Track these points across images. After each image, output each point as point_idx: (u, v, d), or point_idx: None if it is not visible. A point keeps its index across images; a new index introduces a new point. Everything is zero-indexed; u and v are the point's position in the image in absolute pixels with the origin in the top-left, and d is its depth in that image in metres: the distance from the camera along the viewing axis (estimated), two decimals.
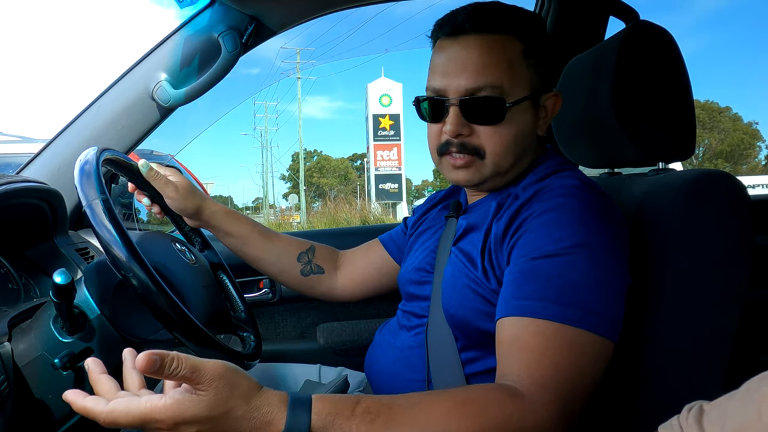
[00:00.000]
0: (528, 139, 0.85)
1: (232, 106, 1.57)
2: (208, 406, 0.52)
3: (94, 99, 1.22)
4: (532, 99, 0.83)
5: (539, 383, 0.62)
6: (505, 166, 0.83)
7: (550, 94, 0.86)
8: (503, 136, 0.81)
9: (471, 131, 0.81)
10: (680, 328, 0.78)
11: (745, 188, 0.79)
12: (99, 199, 0.72)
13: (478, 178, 0.84)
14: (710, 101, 41.12)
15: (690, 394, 0.79)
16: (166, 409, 0.52)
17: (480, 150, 0.82)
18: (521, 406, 0.60)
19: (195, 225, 1.07)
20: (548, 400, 0.61)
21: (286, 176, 58.97)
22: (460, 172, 0.84)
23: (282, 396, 0.56)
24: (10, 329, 0.79)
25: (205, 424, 0.53)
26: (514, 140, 0.82)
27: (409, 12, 22.11)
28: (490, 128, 0.81)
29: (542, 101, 0.85)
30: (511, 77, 0.80)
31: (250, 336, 0.97)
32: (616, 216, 0.75)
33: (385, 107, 27.85)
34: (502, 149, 0.82)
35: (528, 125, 0.84)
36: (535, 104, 0.84)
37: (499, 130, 0.81)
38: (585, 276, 0.67)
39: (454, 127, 0.81)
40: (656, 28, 0.90)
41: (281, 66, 28.17)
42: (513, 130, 0.81)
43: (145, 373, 0.51)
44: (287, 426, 0.54)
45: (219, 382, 0.53)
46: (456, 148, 0.82)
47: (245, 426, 0.54)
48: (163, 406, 0.52)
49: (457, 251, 0.84)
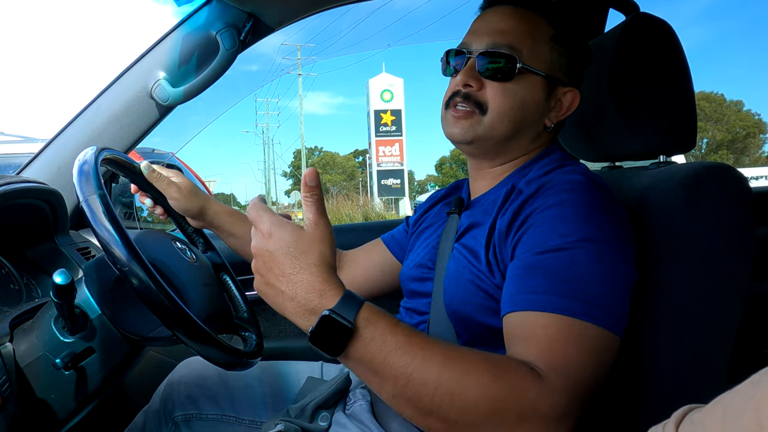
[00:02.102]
0: (532, 115, 0.86)
1: (232, 103, 1.57)
2: (299, 238, 0.61)
3: (93, 98, 1.22)
4: (547, 80, 0.85)
5: (553, 368, 0.61)
6: (500, 131, 0.85)
7: (567, 89, 0.87)
8: (508, 97, 0.84)
9: (480, 86, 0.84)
10: (682, 321, 0.77)
11: (746, 181, 0.79)
12: (96, 194, 0.72)
13: (471, 134, 0.85)
14: (714, 93, 40.94)
15: (692, 388, 0.79)
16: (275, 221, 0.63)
17: (483, 105, 0.84)
18: (539, 385, 0.60)
19: (198, 225, 1.07)
20: (560, 385, 0.60)
21: (288, 173, 59.04)
22: (458, 124, 0.86)
23: (342, 286, 0.61)
24: (11, 330, 0.80)
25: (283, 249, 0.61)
26: (518, 106, 0.84)
27: (410, 6, 22.01)
28: (498, 85, 0.84)
29: (559, 92, 0.87)
30: (532, 48, 0.84)
31: (252, 335, 0.97)
32: (620, 211, 0.75)
33: (386, 103, 27.77)
34: (503, 109, 0.84)
35: (535, 101, 0.85)
36: (550, 89, 0.86)
37: (506, 90, 0.83)
38: (590, 270, 0.67)
39: (464, 76, 0.84)
40: (656, 20, 0.90)
41: (282, 62, 28.12)
42: (519, 96, 0.84)
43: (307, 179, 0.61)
44: (338, 303, 0.58)
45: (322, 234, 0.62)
46: (461, 98, 0.85)
47: (305, 279, 0.59)
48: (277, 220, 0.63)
49: (460, 247, 0.84)
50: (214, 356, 0.74)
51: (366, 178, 39.10)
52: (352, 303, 0.59)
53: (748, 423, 0.29)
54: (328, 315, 0.57)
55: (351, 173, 56.72)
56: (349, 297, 0.59)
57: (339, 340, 0.58)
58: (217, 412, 1.04)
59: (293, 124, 76.62)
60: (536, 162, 0.87)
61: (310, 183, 0.61)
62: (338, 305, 0.58)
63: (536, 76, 0.84)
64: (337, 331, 0.58)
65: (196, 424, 1.04)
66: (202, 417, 1.04)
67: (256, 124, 42.24)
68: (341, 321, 0.57)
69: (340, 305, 0.58)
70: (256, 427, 1.02)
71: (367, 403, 0.92)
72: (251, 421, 1.03)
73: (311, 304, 0.59)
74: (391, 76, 28.22)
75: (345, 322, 0.57)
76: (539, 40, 0.84)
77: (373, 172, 28.28)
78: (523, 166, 0.88)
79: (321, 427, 0.88)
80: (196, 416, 1.04)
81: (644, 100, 0.88)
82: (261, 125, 41.50)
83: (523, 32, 0.84)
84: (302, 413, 0.89)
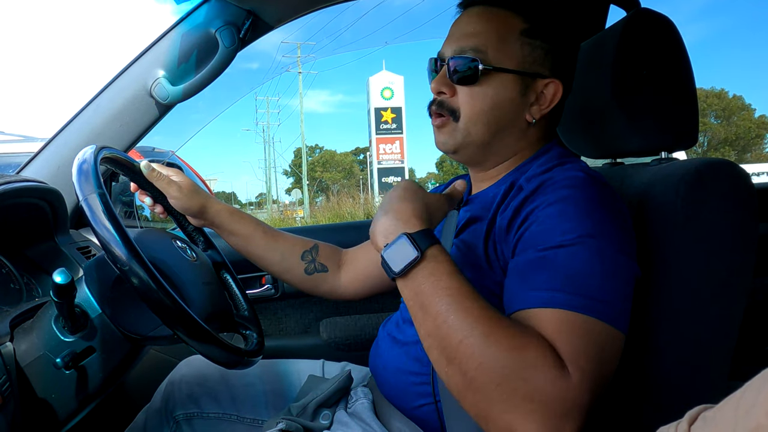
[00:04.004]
0: (508, 114, 0.85)
1: (232, 101, 1.56)
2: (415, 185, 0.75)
3: (93, 97, 1.21)
4: (520, 75, 0.83)
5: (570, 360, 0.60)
6: (477, 135, 0.85)
7: (547, 80, 0.84)
8: (477, 100, 0.84)
9: (453, 92, 0.85)
10: (684, 318, 0.77)
11: (749, 177, 0.78)
12: (95, 193, 0.71)
13: (452, 143, 0.87)
14: (715, 89, 40.82)
15: (695, 384, 0.79)
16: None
17: (456, 111, 0.85)
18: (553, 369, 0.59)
19: (199, 224, 1.07)
20: (580, 379, 0.59)
21: (288, 171, 59.02)
22: (439, 134, 0.88)
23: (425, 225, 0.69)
24: (12, 329, 0.80)
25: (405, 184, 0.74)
26: (490, 107, 0.84)
27: (408, 4, 21.97)
28: (467, 90, 0.84)
29: (539, 86, 0.84)
30: (498, 47, 0.83)
31: (252, 334, 0.97)
32: (621, 207, 0.75)
33: (386, 100, 27.73)
34: (474, 114, 0.84)
35: (510, 99, 0.84)
36: (525, 84, 0.84)
37: (474, 93, 0.84)
38: (592, 266, 0.66)
39: (437, 84, 0.86)
40: (657, 16, 0.89)
41: (282, 60, 28.12)
42: (489, 98, 0.84)
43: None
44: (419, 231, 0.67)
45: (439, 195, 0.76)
46: (435, 107, 0.87)
47: (404, 207, 0.70)
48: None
49: (460, 243, 0.84)
50: (215, 355, 0.74)
51: (366, 175, 39.09)
52: (428, 238, 0.66)
53: (758, 416, 0.29)
54: (404, 236, 0.65)
55: (349, 170, 56.69)
56: (427, 232, 0.67)
57: (405, 262, 0.65)
58: (218, 411, 1.04)
59: (294, 122, 76.55)
60: (536, 159, 0.86)
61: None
62: (417, 234, 0.66)
63: (506, 74, 0.83)
64: (406, 254, 0.65)
65: (197, 422, 1.04)
66: (203, 416, 1.04)
67: (257, 122, 42.14)
68: (413, 246, 0.65)
69: (418, 234, 0.66)
70: (258, 425, 1.02)
71: (368, 401, 0.92)
72: (253, 419, 1.03)
73: (396, 225, 0.68)
74: (391, 74, 28.18)
75: (415, 248, 0.64)
76: (507, 37, 0.83)
77: (373, 170, 28.26)
78: (523, 163, 0.88)
79: (322, 426, 0.88)
80: (197, 415, 1.04)
81: (646, 96, 0.88)
82: (261, 123, 41.42)
83: (489, 32, 0.83)
84: (304, 412, 0.89)
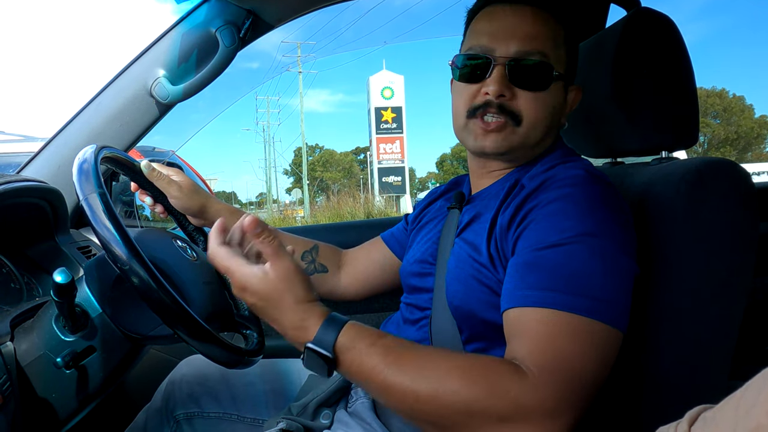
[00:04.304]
0: (557, 120, 0.86)
1: (233, 100, 1.56)
2: (269, 287, 0.66)
3: (93, 97, 1.21)
4: (565, 82, 0.85)
5: (541, 365, 0.61)
6: (534, 139, 0.84)
7: (574, 87, 0.88)
8: (542, 106, 0.82)
9: (512, 95, 0.81)
10: (684, 318, 0.77)
11: (749, 176, 0.78)
12: (96, 193, 0.71)
13: (506, 146, 0.83)
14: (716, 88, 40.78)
15: (695, 384, 0.79)
16: (243, 274, 0.66)
17: (517, 115, 0.82)
18: (521, 383, 0.60)
19: (199, 224, 1.07)
20: (549, 381, 0.60)
21: (288, 171, 59.00)
22: (490, 136, 0.82)
23: (324, 313, 0.67)
24: (12, 329, 0.80)
25: (261, 300, 0.67)
26: (551, 113, 0.84)
27: (408, 3, 21.96)
28: (532, 95, 0.81)
29: (571, 92, 0.88)
30: (555, 53, 0.83)
31: (253, 333, 0.97)
32: (623, 206, 0.75)
33: (387, 100, 27.68)
34: (538, 119, 0.82)
35: (560, 105, 0.86)
36: (566, 90, 0.87)
37: (540, 99, 0.82)
38: (590, 265, 0.66)
39: (498, 86, 0.80)
40: (658, 15, 0.89)
41: (282, 60, 28.09)
42: (551, 103, 0.83)
43: (248, 231, 0.67)
44: (317, 336, 0.65)
45: (286, 273, 0.66)
46: (495, 109, 0.81)
47: (287, 319, 0.67)
48: (244, 272, 0.67)
49: (461, 242, 0.84)
50: (215, 354, 0.73)
51: (366, 175, 39.08)
52: (331, 330, 0.65)
53: (759, 416, 0.29)
54: (309, 348, 0.65)
55: (350, 169, 56.67)
56: (327, 325, 0.66)
57: (325, 368, 0.65)
58: (218, 411, 1.04)
59: (294, 121, 76.41)
60: (540, 158, 0.87)
61: (255, 231, 0.66)
62: (317, 337, 0.65)
63: (560, 82, 0.84)
64: (320, 363, 0.65)
65: (197, 422, 1.04)
66: (203, 415, 1.04)
67: (257, 121, 42.15)
68: (322, 351, 0.64)
69: (319, 336, 0.65)
70: (258, 425, 1.02)
71: (369, 400, 0.92)
72: (253, 419, 1.03)
73: (298, 339, 0.67)
74: (391, 74, 28.13)
75: (325, 352, 0.64)
76: (559, 42, 0.83)
77: (374, 170, 28.23)
78: (527, 161, 0.88)
79: (323, 425, 0.88)
80: (197, 414, 1.04)
81: (646, 95, 0.88)
82: (261, 123, 41.38)
83: (547, 36, 0.82)
84: (304, 411, 0.89)
